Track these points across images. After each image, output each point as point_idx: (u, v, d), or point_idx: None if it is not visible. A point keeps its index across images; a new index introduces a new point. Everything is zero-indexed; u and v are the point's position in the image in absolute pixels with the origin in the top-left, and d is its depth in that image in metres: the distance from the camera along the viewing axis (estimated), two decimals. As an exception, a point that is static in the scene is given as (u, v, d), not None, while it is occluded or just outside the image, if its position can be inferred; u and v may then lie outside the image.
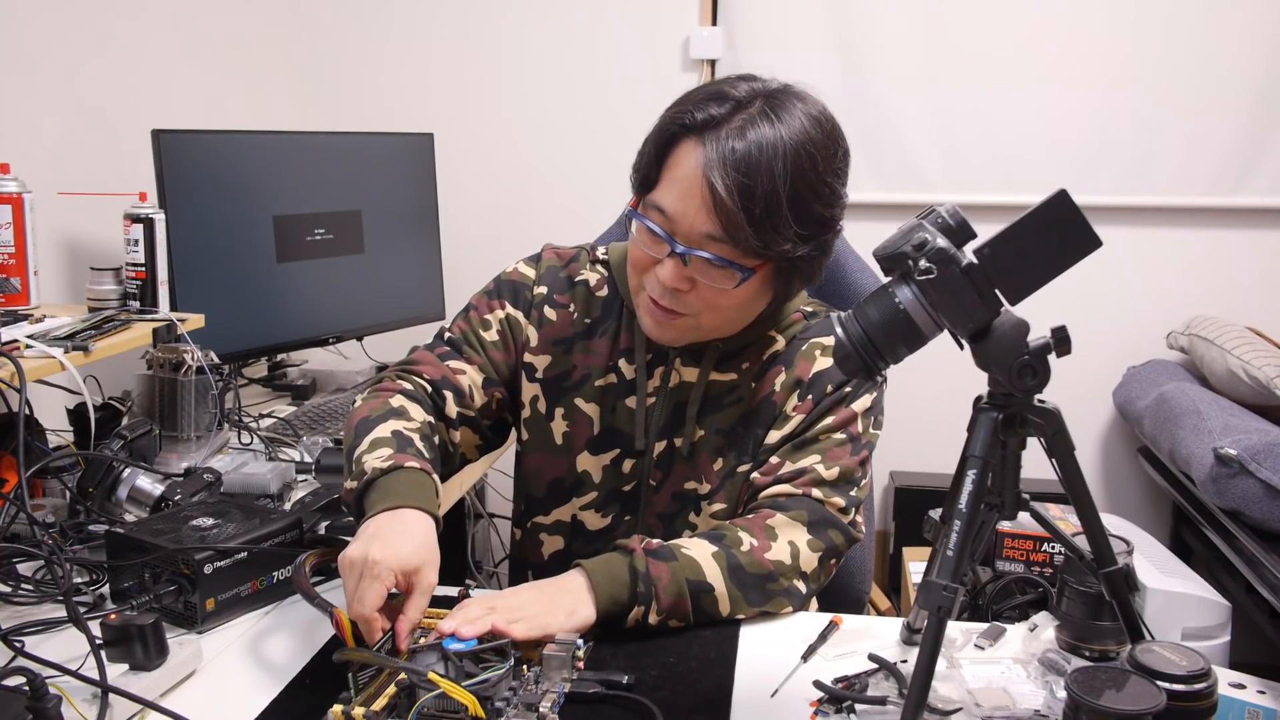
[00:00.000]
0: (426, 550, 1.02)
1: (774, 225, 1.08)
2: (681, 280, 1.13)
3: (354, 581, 0.98)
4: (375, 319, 2.37)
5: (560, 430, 1.28)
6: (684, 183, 1.10)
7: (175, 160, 1.88)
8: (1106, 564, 0.91)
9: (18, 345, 1.38)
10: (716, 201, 1.07)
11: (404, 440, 1.15)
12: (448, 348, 1.29)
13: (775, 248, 1.09)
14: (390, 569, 0.97)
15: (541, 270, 1.31)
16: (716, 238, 1.09)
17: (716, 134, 1.08)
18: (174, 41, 2.29)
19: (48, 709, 0.84)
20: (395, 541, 1.00)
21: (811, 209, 1.10)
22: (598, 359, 1.27)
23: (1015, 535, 1.82)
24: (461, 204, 2.76)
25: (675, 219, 1.11)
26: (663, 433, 1.25)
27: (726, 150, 1.07)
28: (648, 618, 1.07)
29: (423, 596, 1.00)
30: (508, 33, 2.80)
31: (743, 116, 1.09)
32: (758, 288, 1.16)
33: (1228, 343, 2.30)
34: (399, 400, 1.22)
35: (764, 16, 2.66)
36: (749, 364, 1.24)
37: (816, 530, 1.16)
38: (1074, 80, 2.59)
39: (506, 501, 2.72)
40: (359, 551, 0.99)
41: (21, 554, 1.18)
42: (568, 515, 1.29)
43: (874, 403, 1.23)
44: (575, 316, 1.29)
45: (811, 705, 0.95)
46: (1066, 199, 0.82)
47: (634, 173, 1.18)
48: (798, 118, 1.09)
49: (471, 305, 1.32)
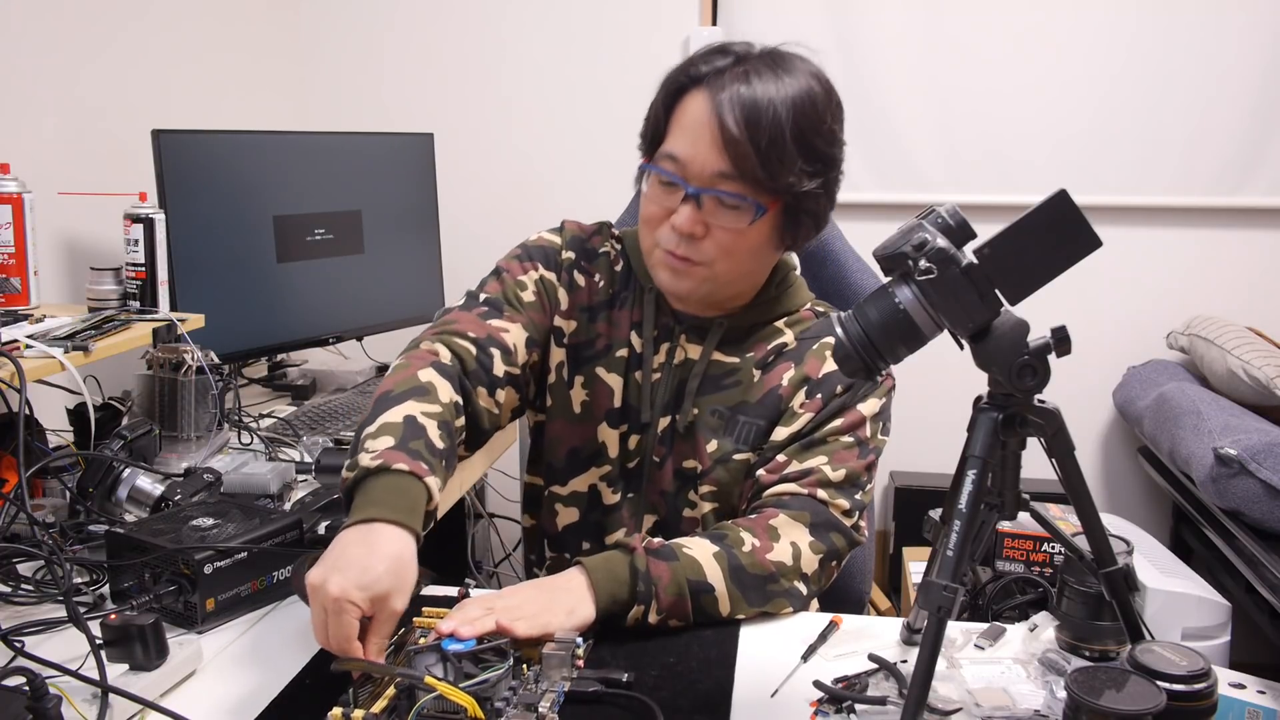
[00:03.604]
0: (392, 576, 0.95)
1: (780, 157, 1.13)
2: (696, 224, 1.16)
3: (319, 614, 0.93)
4: (375, 319, 2.37)
5: (579, 399, 1.28)
6: (693, 127, 1.15)
7: (175, 160, 1.88)
8: (1106, 564, 0.91)
9: (18, 345, 1.38)
10: (726, 137, 1.12)
11: (413, 430, 1.08)
12: (486, 307, 1.26)
13: (782, 180, 1.14)
14: (353, 600, 0.92)
15: (567, 237, 1.33)
16: (727, 174, 1.14)
17: (721, 79, 1.15)
18: (174, 42, 2.29)
19: (48, 709, 0.84)
20: (360, 569, 0.94)
21: (815, 145, 1.15)
22: (620, 331, 1.29)
23: (1015, 535, 1.82)
24: (461, 204, 2.76)
25: (687, 162, 1.15)
26: (667, 409, 1.26)
27: (733, 92, 1.13)
28: (647, 617, 1.07)
29: (387, 624, 0.95)
30: (508, 33, 2.80)
31: (745, 66, 1.16)
32: (768, 232, 1.19)
33: (1228, 343, 2.30)
34: (428, 375, 1.16)
35: (764, 16, 2.66)
36: (753, 351, 1.26)
37: (819, 532, 1.16)
38: (1074, 80, 2.59)
39: (507, 501, 2.73)
40: (319, 577, 0.93)
41: (21, 554, 1.18)
42: (585, 486, 1.30)
43: (882, 409, 1.24)
44: (600, 285, 1.31)
45: (811, 705, 0.95)
46: (1066, 199, 0.82)
47: (643, 135, 1.24)
48: (798, 69, 1.17)
49: (501, 268, 1.30)
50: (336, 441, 1.73)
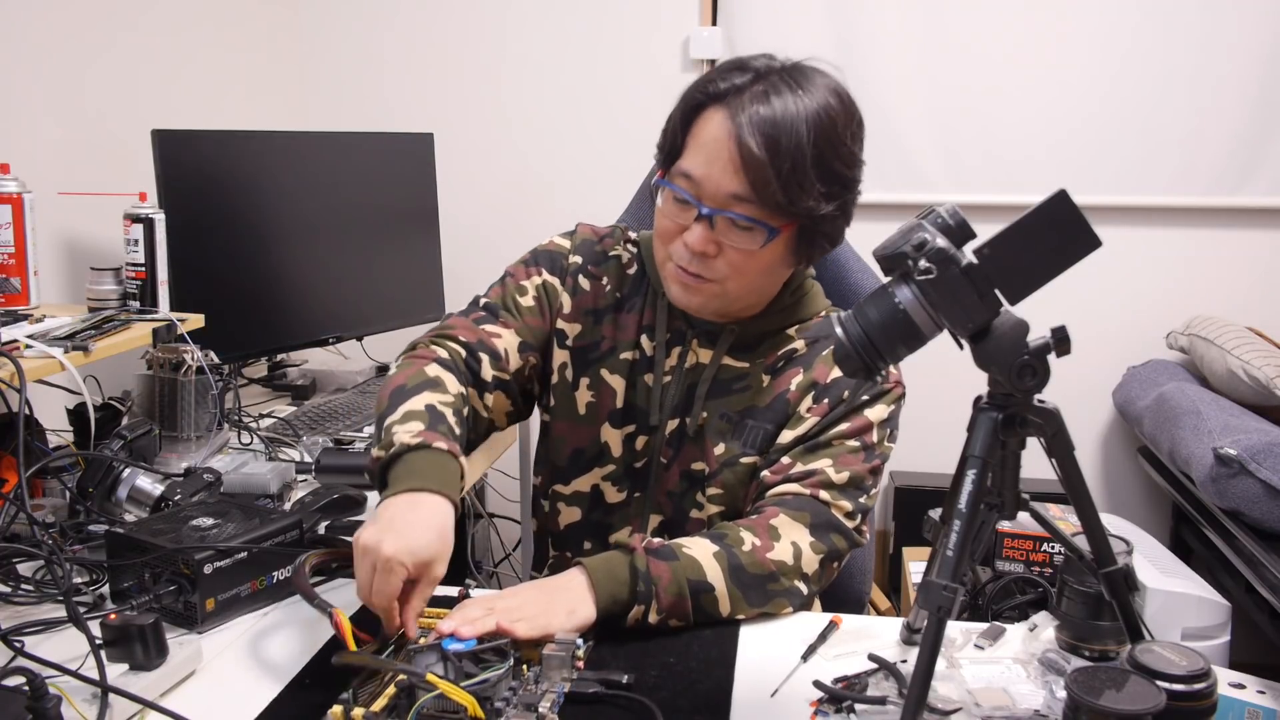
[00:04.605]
0: (440, 543, 1.02)
1: (800, 182, 1.11)
2: (708, 244, 1.15)
3: (367, 571, 0.99)
4: (375, 319, 2.37)
5: (584, 400, 1.29)
6: (711, 146, 1.14)
7: (175, 160, 1.88)
8: (1106, 564, 0.91)
9: (18, 345, 1.38)
10: (745, 159, 1.11)
11: (436, 416, 1.14)
12: (483, 312, 1.30)
13: (801, 204, 1.12)
14: (404, 563, 0.98)
15: (576, 242, 1.34)
16: (743, 197, 1.13)
17: (740, 99, 1.13)
18: (174, 42, 2.29)
19: (48, 709, 0.84)
20: (410, 532, 1.00)
21: (834, 168, 1.14)
22: (626, 333, 1.29)
23: (1015, 535, 1.82)
24: (461, 204, 2.76)
25: (702, 182, 1.14)
26: (675, 411, 1.27)
27: (753, 113, 1.11)
28: (648, 617, 1.07)
29: (429, 587, 1.01)
30: (508, 33, 2.80)
31: (765, 84, 1.13)
32: (782, 251, 1.18)
33: (1228, 343, 2.30)
34: (435, 369, 1.22)
35: (764, 16, 2.66)
36: (763, 357, 1.26)
37: (819, 532, 1.16)
38: (1074, 80, 2.59)
39: (507, 501, 2.73)
40: (373, 538, 0.99)
41: (21, 554, 1.18)
42: (588, 485, 1.31)
43: (891, 416, 1.24)
44: (608, 289, 1.31)
45: (811, 705, 0.95)
46: (1066, 199, 0.82)
47: (659, 148, 1.22)
48: (818, 86, 1.14)
49: (508, 273, 1.34)
50: (336, 441, 1.74)
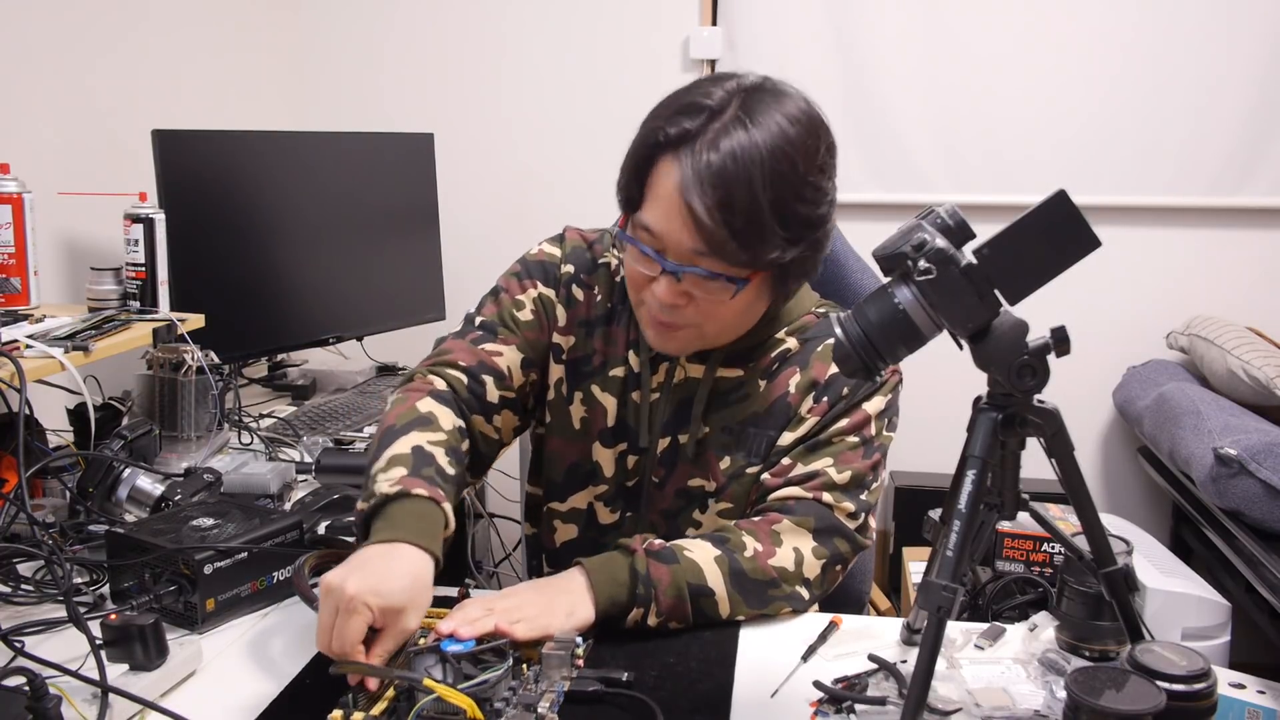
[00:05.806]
0: (413, 591, 0.97)
1: (759, 236, 1.06)
2: (677, 296, 1.12)
3: (329, 613, 0.94)
4: (375, 319, 2.37)
5: (578, 415, 1.27)
6: (665, 202, 1.08)
7: (175, 160, 1.88)
8: (1106, 564, 0.91)
9: (18, 345, 1.38)
10: (697, 221, 1.05)
11: (423, 458, 1.10)
12: (480, 332, 1.26)
13: (763, 258, 1.07)
14: (368, 604, 0.93)
15: (567, 250, 1.30)
16: (704, 254, 1.07)
17: (691, 149, 1.06)
18: (174, 42, 2.29)
19: (48, 709, 0.84)
20: (379, 577, 0.95)
21: (796, 211, 1.07)
22: (616, 348, 1.26)
23: (1015, 535, 1.82)
24: (461, 204, 2.76)
25: (662, 237, 1.09)
26: (666, 429, 1.24)
27: (701, 166, 1.04)
28: (647, 619, 1.07)
29: (394, 639, 0.95)
30: (508, 33, 2.80)
31: (716, 126, 1.06)
32: (755, 294, 1.14)
33: (1228, 343, 2.30)
34: (428, 405, 1.17)
35: (764, 16, 2.66)
36: (757, 361, 1.23)
37: (822, 538, 1.15)
38: (1074, 80, 2.59)
39: (507, 502, 2.72)
40: (338, 579, 0.94)
41: (21, 554, 1.18)
42: (583, 503, 1.29)
43: (888, 404, 1.22)
44: (599, 299, 1.28)
45: (811, 705, 0.95)
46: (1066, 199, 0.82)
47: (618, 191, 1.16)
48: (773, 119, 1.06)
49: (500, 288, 1.29)
50: (336, 441, 1.74)
